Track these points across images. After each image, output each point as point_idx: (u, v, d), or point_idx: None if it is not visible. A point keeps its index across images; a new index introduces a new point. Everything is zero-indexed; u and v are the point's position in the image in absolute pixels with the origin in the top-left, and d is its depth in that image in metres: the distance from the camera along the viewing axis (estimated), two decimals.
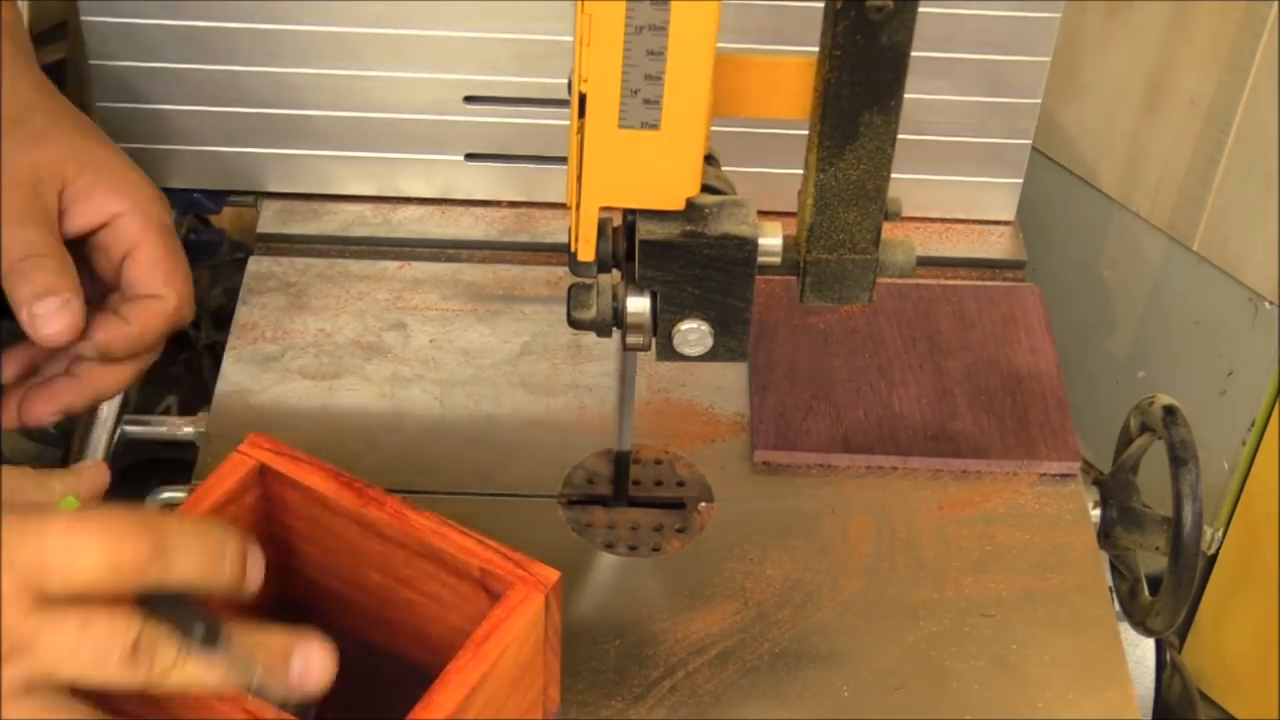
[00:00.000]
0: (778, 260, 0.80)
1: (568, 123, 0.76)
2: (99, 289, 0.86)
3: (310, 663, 0.67)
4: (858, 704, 0.85)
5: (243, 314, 1.05)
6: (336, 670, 0.68)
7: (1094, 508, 0.96)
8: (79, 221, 0.84)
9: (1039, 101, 1.10)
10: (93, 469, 0.77)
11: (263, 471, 0.78)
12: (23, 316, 0.79)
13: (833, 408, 0.99)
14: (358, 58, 1.07)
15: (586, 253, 0.79)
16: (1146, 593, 0.96)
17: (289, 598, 0.82)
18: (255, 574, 0.68)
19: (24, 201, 0.82)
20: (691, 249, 0.77)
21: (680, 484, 0.96)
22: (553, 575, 0.75)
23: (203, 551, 0.66)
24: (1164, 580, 0.91)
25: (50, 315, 0.79)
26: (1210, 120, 1.23)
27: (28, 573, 0.63)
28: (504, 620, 0.73)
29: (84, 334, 0.82)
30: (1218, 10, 1.19)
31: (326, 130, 1.10)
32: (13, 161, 0.82)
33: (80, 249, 0.85)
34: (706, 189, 0.78)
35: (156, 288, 0.84)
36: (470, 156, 1.12)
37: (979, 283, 1.10)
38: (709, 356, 0.82)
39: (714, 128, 0.78)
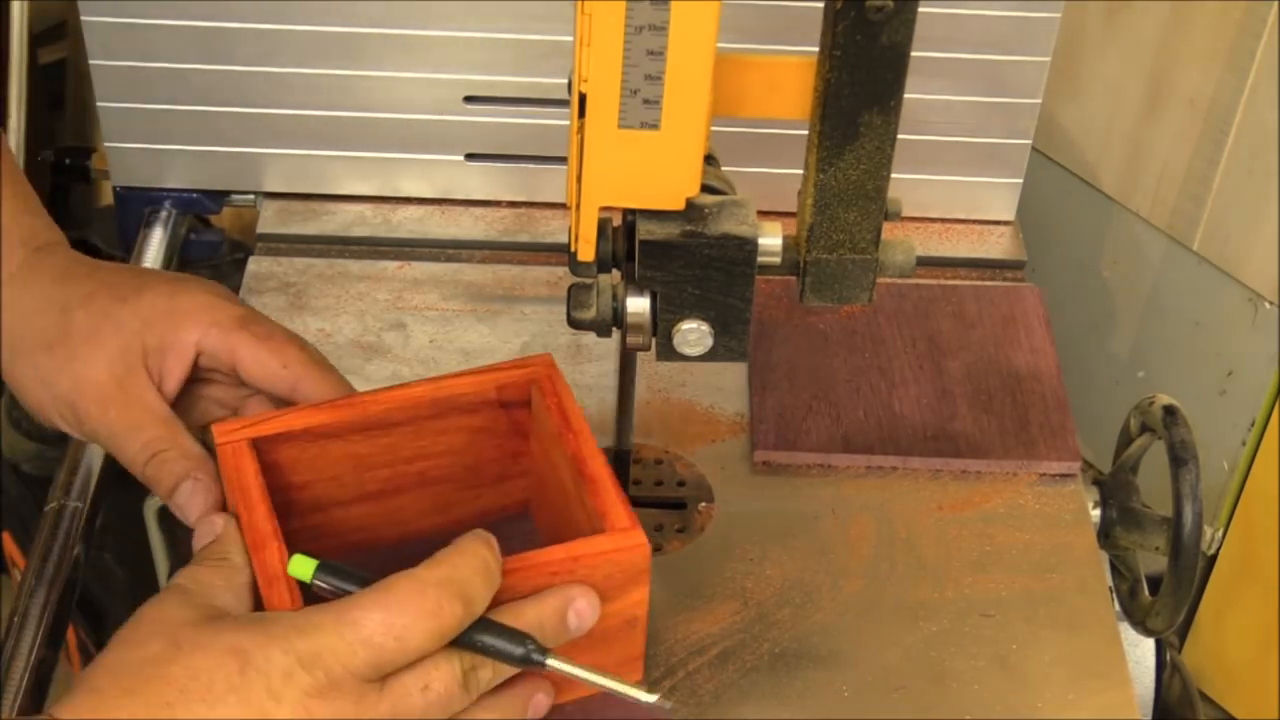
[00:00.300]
0: (778, 260, 0.80)
1: (568, 123, 0.76)
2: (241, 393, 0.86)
3: (581, 611, 0.75)
4: (858, 704, 0.85)
5: None
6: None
7: (1094, 508, 0.96)
8: (177, 375, 0.83)
9: (1039, 101, 1.10)
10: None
11: (253, 447, 0.79)
12: (172, 506, 0.81)
13: (833, 408, 0.99)
14: (358, 58, 1.07)
15: (586, 253, 0.79)
16: (1146, 593, 0.95)
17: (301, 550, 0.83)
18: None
19: (121, 410, 0.82)
20: (691, 249, 0.77)
21: (680, 484, 0.96)
22: (546, 355, 0.84)
23: (488, 577, 0.72)
24: (1164, 580, 0.90)
25: (189, 501, 0.80)
26: (1210, 120, 1.23)
27: (368, 671, 0.69)
28: (565, 399, 0.82)
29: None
30: (1218, 10, 1.19)
31: (326, 130, 1.10)
32: (89, 377, 0.82)
33: (200, 382, 0.85)
34: (706, 189, 0.78)
35: (277, 374, 0.83)
36: (470, 156, 1.12)
37: (979, 283, 1.10)
38: (709, 356, 0.82)
39: (714, 128, 0.78)
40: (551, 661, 0.72)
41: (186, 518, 0.80)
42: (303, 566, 0.72)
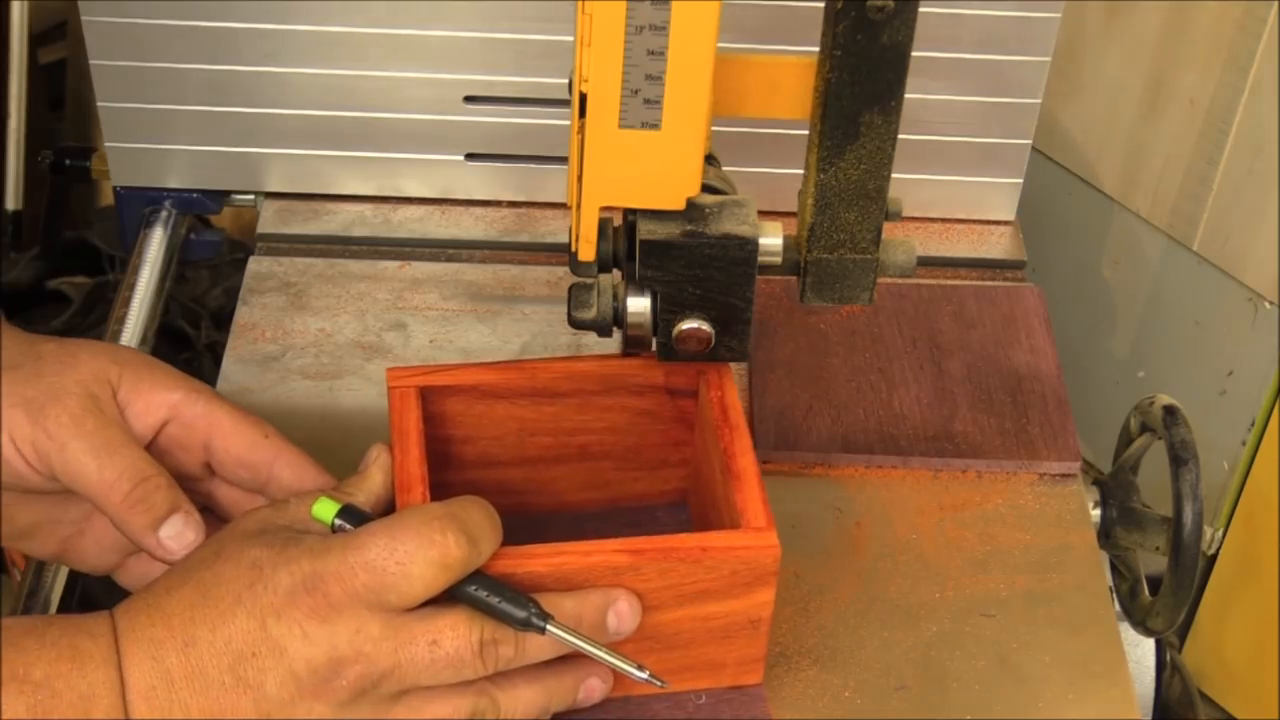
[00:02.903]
0: (778, 260, 0.80)
1: (568, 123, 0.76)
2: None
3: (621, 613, 0.75)
4: (858, 704, 0.85)
5: (243, 314, 1.05)
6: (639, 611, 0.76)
7: (1094, 508, 0.96)
8: (144, 421, 0.79)
9: (1039, 101, 1.10)
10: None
11: (421, 394, 0.82)
12: (149, 544, 0.77)
13: (833, 408, 0.99)
14: (358, 58, 1.07)
15: (587, 253, 0.79)
16: (1146, 593, 0.96)
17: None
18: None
19: (98, 424, 0.77)
20: (692, 249, 0.77)
21: None
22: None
23: (492, 527, 0.73)
24: (1164, 580, 0.91)
25: (180, 533, 0.77)
26: (1210, 120, 1.23)
27: (370, 597, 0.70)
28: (728, 394, 0.83)
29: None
30: (1218, 10, 1.19)
31: (326, 130, 1.10)
32: (63, 387, 0.77)
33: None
34: (707, 189, 0.78)
35: (259, 443, 0.81)
36: (470, 156, 1.12)
37: (979, 283, 1.10)
38: (709, 356, 0.82)
39: (714, 128, 0.78)
40: (552, 628, 0.73)
41: (170, 555, 0.77)
42: (326, 509, 0.74)
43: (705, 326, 0.80)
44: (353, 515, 0.74)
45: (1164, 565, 0.90)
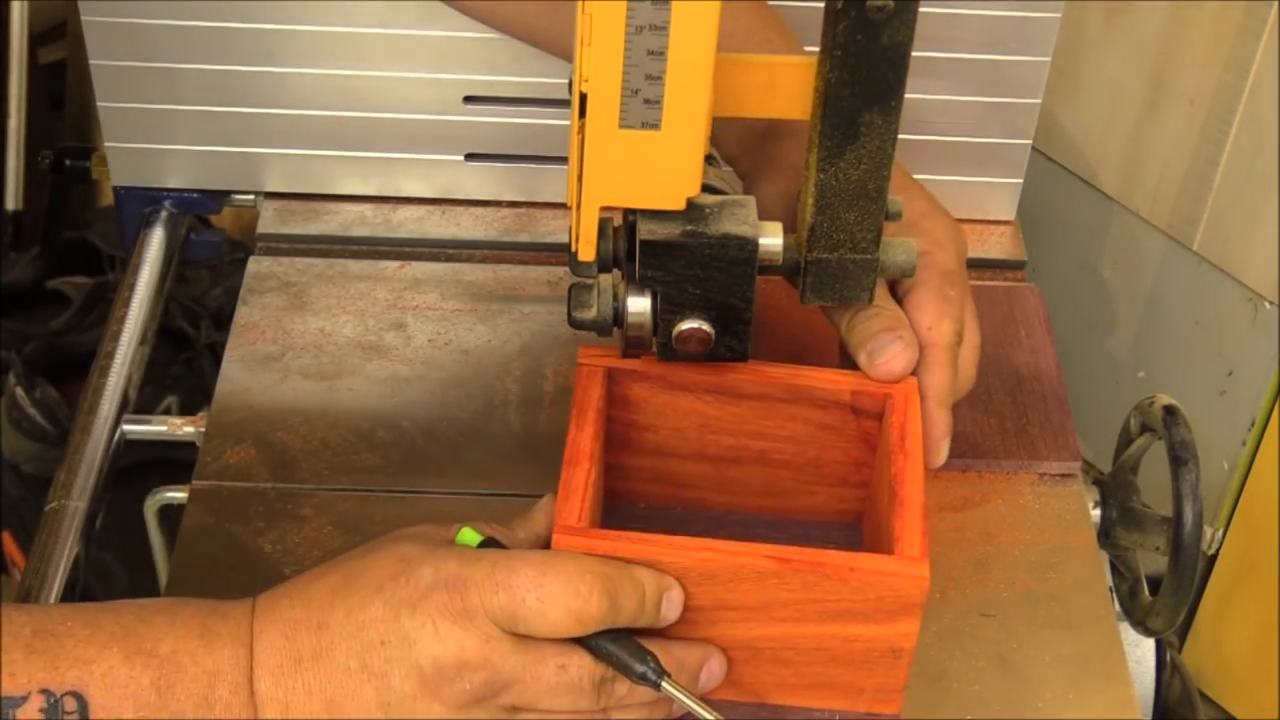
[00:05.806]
0: (778, 260, 0.80)
1: (568, 123, 0.76)
2: None
3: (712, 671, 0.78)
4: None
5: (243, 314, 1.05)
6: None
7: (1094, 508, 0.96)
8: None
9: (1039, 101, 1.10)
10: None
11: (607, 375, 0.83)
12: (860, 358, 0.83)
13: None
14: (358, 58, 1.07)
15: (587, 253, 0.79)
16: (1146, 593, 0.95)
17: (616, 487, 0.89)
18: (670, 612, 0.76)
19: None
20: (692, 249, 0.77)
21: None
22: (911, 382, 0.83)
23: (640, 600, 0.74)
24: (1164, 580, 0.90)
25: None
26: (1210, 120, 1.23)
27: (502, 617, 0.71)
28: (910, 420, 0.82)
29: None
30: (1218, 10, 1.19)
31: (326, 130, 1.10)
32: None
33: None
34: (707, 189, 0.78)
35: (923, 324, 0.84)
36: (470, 156, 1.12)
37: (979, 283, 1.10)
38: (709, 356, 0.82)
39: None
40: (666, 685, 0.74)
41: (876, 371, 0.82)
42: (469, 538, 0.76)
43: (705, 326, 0.80)
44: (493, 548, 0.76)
45: (1164, 565, 0.90)
